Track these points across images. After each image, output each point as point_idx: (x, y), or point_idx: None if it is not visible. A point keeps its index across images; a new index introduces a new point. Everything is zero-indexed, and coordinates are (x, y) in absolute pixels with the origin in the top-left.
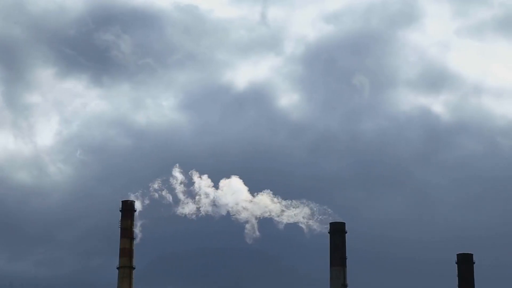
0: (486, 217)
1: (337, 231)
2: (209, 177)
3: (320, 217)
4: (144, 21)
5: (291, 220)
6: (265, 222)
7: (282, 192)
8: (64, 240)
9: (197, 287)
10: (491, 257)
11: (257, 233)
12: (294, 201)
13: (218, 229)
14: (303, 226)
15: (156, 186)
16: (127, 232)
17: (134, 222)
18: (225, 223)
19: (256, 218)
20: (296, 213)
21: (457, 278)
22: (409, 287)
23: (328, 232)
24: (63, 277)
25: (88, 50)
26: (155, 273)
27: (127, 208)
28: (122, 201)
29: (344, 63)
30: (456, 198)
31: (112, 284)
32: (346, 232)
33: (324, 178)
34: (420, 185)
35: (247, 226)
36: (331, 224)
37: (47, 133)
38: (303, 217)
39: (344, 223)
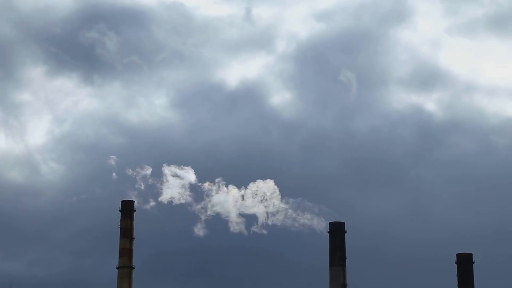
0: (481, 215)
1: (337, 230)
2: (204, 175)
3: (317, 215)
4: (133, 19)
5: (289, 218)
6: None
7: (277, 190)
8: (58, 239)
9: (195, 286)
10: (487, 255)
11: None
12: (290, 200)
13: (216, 227)
14: (300, 224)
15: (150, 183)
16: (127, 232)
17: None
18: (222, 221)
19: (252, 215)
20: (292, 211)
21: (456, 277)
22: (409, 287)
23: (328, 232)
24: (57, 276)
25: (78, 49)
26: (152, 271)
27: (127, 208)
28: (122, 201)
29: (336, 61)
30: (451, 196)
31: (106, 283)
32: (345, 232)
33: (319, 177)
34: (415, 183)
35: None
36: (330, 223)
37: (38, 132)
38: (300, 216)
39: (344, 222)
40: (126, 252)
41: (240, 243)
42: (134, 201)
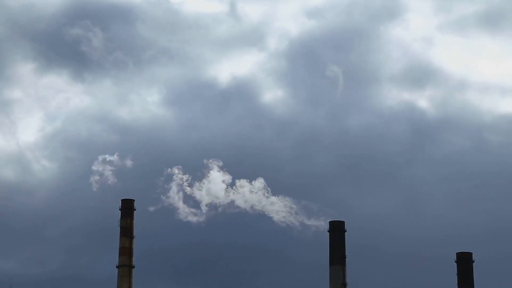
0: (475, 213)
1: (336, 229)
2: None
3: (311, 213)
4: (121, 16)
5: (286, 216)
6: (260, 217)
7: (272, 188)
8: (52, 237)
9: (191, 284)
10: (483, 253)
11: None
12: (285, 198)
13: (213, 223)
14: (295, 222)
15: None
16: (127, 230)
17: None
18: (219, 218)
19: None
20: (289, 209)
21: (456, 276)
22: (408, 286)
23: (328, 231)
24: (51, 274)
25: (67, 46)
26: (147, 269)
27: (127, 207)
28: (122, 200)
29: (328, 58)
30: (444, 194)
31: (101, 281)
32: (345, 231)
33: (312, 174)
34: (408, 180)
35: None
36: (330, 222)
37: (30, 130)
38: (297, 214)
39: (344, 221)
40: (126, 251)
41: (238, 240)
42: (134, 200)
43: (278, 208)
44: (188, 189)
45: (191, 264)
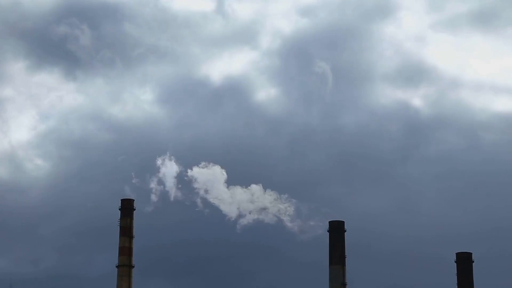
0: (470, 211)
1: (336, 229)
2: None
3: (306, 212)
4: (114, 14)
5: (281, 215)
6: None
7: (266, 187)
8: (45, 236)
9: (188, 282)
10: (478, 252)
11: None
12: (280, 196)
13: (210, 221)
14: (290, 220)
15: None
16: (126, 230)
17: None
18: (216, 215)
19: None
20: (284, 208)
21: (456, 276)
22: (407, 286)
23: (327, 231)
24: (45, 272)
25: (59, 44)
26: (145, 268)
27: (127, 207)
28: (122, 200)
29: (321, 57)
30: (438, 193)
31: (95, 279)
32: (345, 231)
33: (305, 173)
34: (402, 179)
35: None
36: (330, 222)
37: (23, 128)
38: (292, 212)
39: (343, 221)
40: (125, 251)
41: (237, 239)
42: (133, 200)
43: (273, 206)
44: (180, 188)
45: (189, 263)
